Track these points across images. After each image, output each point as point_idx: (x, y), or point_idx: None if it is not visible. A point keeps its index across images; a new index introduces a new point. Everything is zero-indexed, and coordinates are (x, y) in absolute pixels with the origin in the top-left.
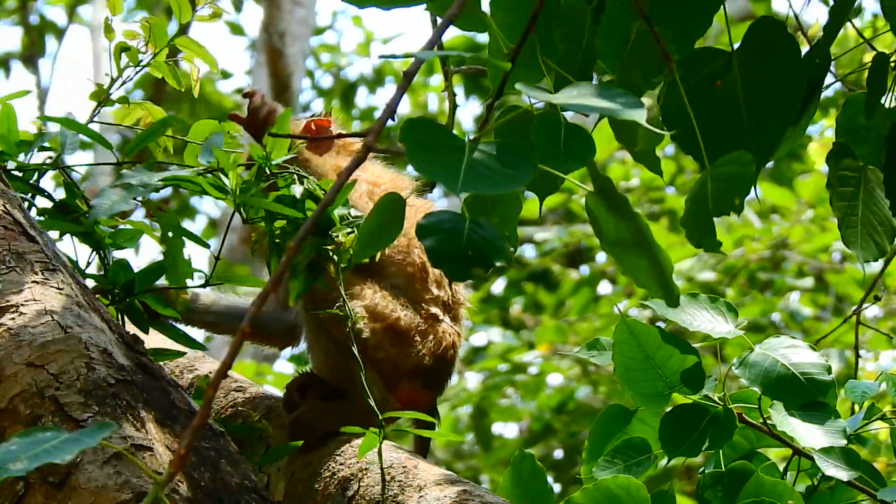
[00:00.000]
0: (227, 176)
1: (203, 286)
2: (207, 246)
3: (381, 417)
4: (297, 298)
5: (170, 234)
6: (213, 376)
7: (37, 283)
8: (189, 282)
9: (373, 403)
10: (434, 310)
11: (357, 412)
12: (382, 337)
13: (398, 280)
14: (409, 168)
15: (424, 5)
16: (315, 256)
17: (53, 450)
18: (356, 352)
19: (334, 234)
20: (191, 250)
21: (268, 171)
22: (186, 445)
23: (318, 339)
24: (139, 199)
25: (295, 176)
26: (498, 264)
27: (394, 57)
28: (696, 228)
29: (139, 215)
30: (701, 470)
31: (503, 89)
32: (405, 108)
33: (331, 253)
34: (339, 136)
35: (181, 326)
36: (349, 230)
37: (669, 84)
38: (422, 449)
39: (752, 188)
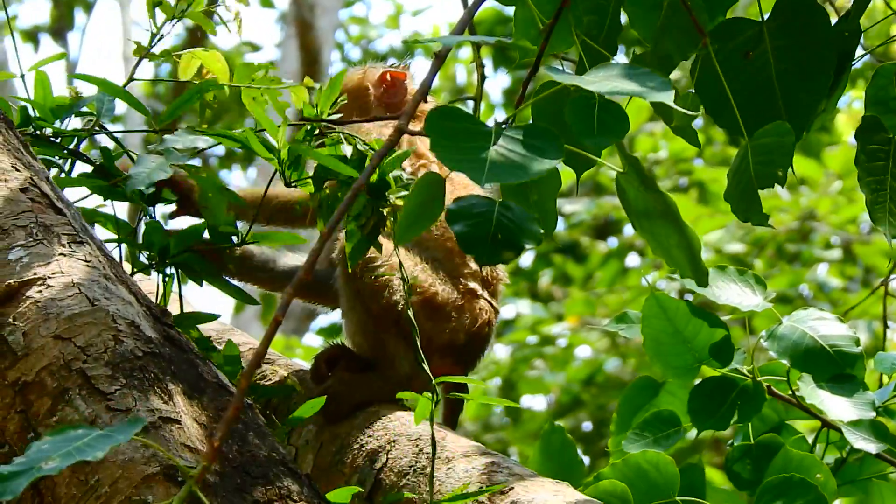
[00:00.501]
0: (273, 135)
1: (238, 245)
2: (245, 204)
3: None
4: (355, 262)
5: (209, 194)
6: (246, 367)
7: (64, 255)
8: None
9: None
10: (472, 285)
11: (386, 385)
12: (419, 310)
13: (438, 254)
14: None
15: None
16: (375, 220)
17: (85, 447)
18: (411, 315)
19: (390, 196)
20: None
21: (317, 130)
22: (220, 438)
23: (354, 308)
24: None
25: (342, 136)
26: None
27: (421, 42)
28: (741, 202)
29: None
30: (730, 442)
31: (538, 66)
32: (434, 81)
33: (387, 216)
34: (374, 119)
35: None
36: (405, 192)
37: (704, 58)
38: (451, 421)
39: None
